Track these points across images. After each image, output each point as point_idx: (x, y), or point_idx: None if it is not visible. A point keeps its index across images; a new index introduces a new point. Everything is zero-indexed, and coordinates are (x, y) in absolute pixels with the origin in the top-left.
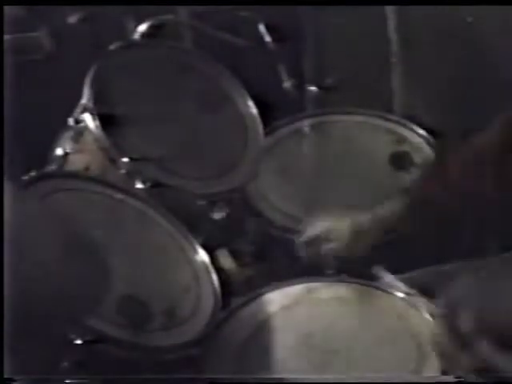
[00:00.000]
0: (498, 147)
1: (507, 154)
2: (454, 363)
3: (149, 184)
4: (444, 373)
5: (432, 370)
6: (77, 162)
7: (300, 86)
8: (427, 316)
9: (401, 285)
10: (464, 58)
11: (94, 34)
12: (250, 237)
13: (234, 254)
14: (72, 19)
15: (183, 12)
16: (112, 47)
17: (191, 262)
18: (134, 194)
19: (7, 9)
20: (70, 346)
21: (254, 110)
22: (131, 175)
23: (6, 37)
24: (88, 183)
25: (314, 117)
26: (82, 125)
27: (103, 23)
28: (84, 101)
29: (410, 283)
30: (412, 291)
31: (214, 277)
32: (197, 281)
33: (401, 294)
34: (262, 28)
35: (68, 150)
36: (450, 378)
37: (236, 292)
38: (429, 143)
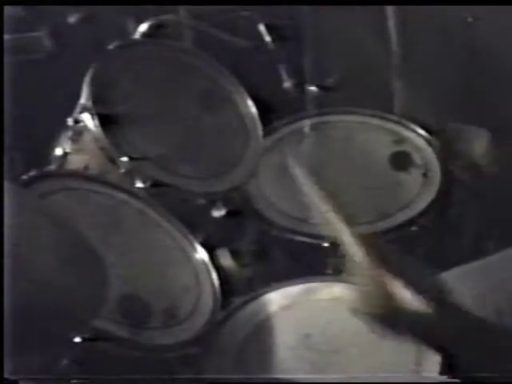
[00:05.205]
0: None
1: None
2: None
3: (149, 183)
4: (444, 373)
5: (431, 369)
6: (76, 162)
7: (300, 85)
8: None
9: None
10: (464, 58)
11: (94, 34)
12: (249, 237)
13: (234, 254)
14: (72, 19)
15: (183, 12)
16: (112, 47)
17: (191, 261)
18: (134, 193)
19: (7, 9)
20: (70, 344)
21: (253, 110)
22: (131, 174)
23: (6, 37)
24: (88, 183)
25: (314, 117)
26: (81, 124)
27: (103, 23)
28: (83, 101)
29: None
30: None
31: (214, 276)
32: (197, 280)
33: None
34: (262, 28)
35: (67, 150)
36: (450, 378)
37: (236, 292)
38: (429, 143)
